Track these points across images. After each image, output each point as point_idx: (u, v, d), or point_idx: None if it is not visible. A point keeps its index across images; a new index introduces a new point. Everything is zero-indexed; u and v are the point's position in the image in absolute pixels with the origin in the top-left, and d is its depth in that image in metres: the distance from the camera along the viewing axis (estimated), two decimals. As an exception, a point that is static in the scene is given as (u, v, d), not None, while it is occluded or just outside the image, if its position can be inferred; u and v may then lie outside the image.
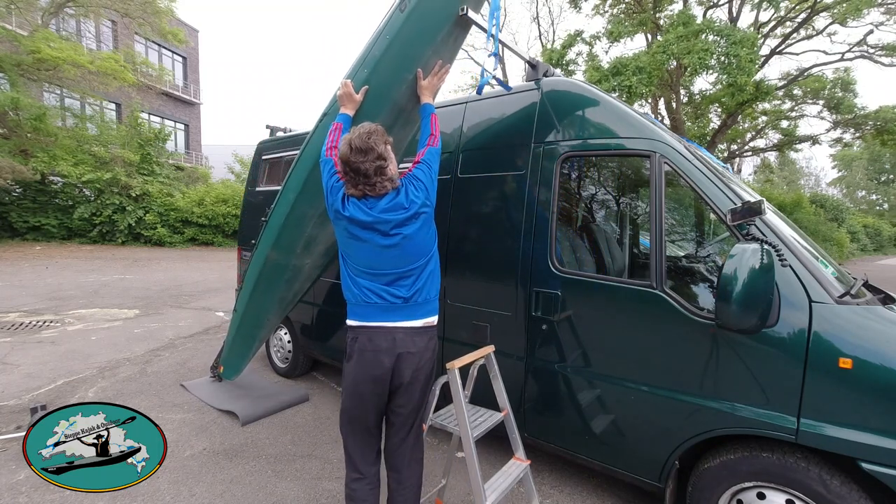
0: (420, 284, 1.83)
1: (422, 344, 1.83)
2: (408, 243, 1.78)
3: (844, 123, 15.98)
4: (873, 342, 1.65)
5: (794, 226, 2.50)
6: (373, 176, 1.71)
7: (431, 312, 1.88)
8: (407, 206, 1.77)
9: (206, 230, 16.92)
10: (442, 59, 2.24)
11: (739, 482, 1.87)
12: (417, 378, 1.84)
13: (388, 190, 1.77)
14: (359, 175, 1.71)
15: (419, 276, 1.83)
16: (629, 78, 10.91)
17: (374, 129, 1.77)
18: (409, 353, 1.79)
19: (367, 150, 1.69)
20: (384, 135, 1.79)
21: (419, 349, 1.82)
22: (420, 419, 1.98)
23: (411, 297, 1.81)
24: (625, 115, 2.32)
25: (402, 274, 1.80)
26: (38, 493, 2.41)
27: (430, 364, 1.88)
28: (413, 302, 1.82)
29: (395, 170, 1.81)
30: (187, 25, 24.67)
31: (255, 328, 3.20)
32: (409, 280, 1.81)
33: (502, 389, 2.18)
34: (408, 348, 1.79)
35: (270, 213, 2.70)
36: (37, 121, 14.22)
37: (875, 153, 39.06)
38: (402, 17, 2.08)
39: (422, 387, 1.89)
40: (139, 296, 7.90)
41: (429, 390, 1.95)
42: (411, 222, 1.78)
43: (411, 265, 1.81)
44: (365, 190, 1.74)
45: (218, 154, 26.12)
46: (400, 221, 1.76)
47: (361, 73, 2.16)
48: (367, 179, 1.71)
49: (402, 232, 1.76)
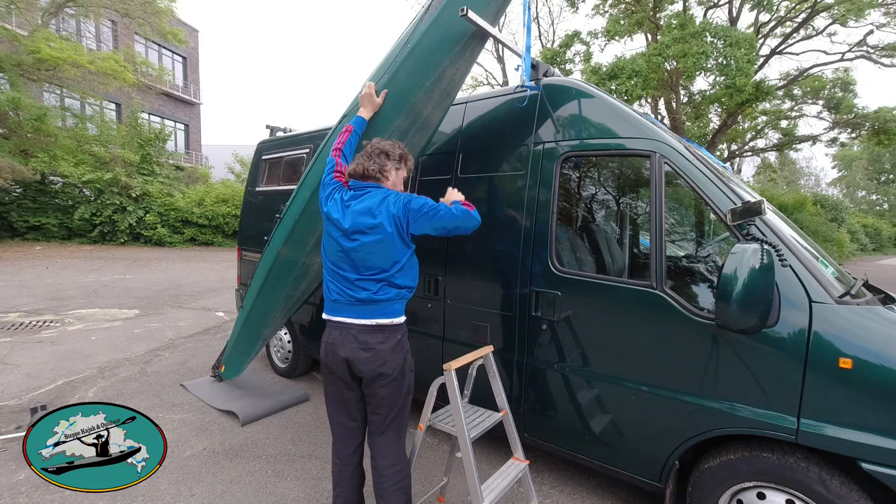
0: (376, 287, 1.85)
1: (375, 342, 1.85)
2: (365, 251, 1.83)
3: (843, 123, 15.98)
4: (873, 342, 1.65)
5: (794, 226, 2.50)
6: (383, 154, 1.93)
7: (388, 314, 1.88)
8: (375, 215, 1.82)
9: (206, 230, 16.92)
10: (458, 69, 2.42)
11: (739, 482, 1.87)
12: (378, 377, 1.86)
13: (376, 179, 1.91)
14: (381, 154, 1.93)
15: (377, 281, 1.85)
16: (625, 82, 10.91)
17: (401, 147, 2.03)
18: (362, 350, 1.84)
19: (392, 146, 1.97)
20: (407, 155, 2.03)
21: (372, 347, 1.84)
22: (397, 421, 1.96)
23: (365, 298, 1.85)
24: (625, 114, 2.32)
25: (361, 277, 1.85)
26: (38, 493, 2.41)
27: (391, 365, 1.87)
28: (368, 302, 1.85)
29: (392, 180, 1.95)
30: (187, 25, 24.68)
31: (259, 326, 3.21)
32: (366, 283, 1.85)
33: (501, 390, 2.18)
34: (359, 345, 1.85)
35: (285, 209, 2.72)
36: (37, 121, 14.22)
37: (875, 153, 39.07)
38: (423, 27, 2.25)
39: (387, 386, 1.89)
40: (139, 296, 7.90)
41: (401, 392, 1.93)
42: (373, 232, 1.82)
43: (368, 271, 1.85)
44: (359, 169, 1.90)
45: (218, 154, 26.12)
46: (363, 228, 1.82)
47: (383, 79, 2.31)
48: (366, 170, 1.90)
49: (360, 239, 1.83)
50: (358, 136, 2.24)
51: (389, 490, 1.90)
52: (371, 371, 1.86)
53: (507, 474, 2.05)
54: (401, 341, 1.92)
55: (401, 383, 1.92)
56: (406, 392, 1.97)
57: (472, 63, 2.55)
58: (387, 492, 1.90)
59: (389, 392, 1.90)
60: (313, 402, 3.72)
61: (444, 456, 2.93)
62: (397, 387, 1.91)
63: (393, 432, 1.97)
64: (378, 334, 1.86)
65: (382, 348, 1.86)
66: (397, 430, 1.98)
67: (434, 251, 2.92)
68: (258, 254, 3.54)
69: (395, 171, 1.96)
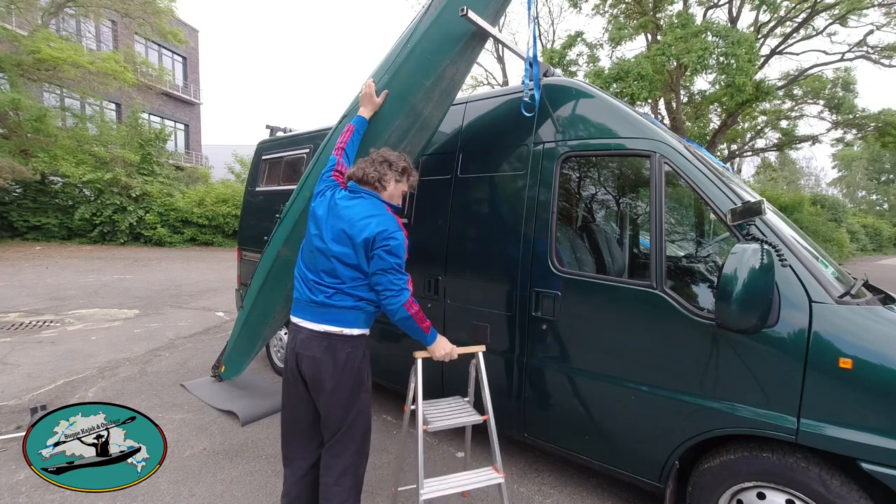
0: (331, 292, 1.78)
1: (319, 351, 1.76)
2: (329, 255, 1.78)
3: (845, 124, 15.98)
4: (873, 342, 1.65)
5: (794, 226, 2.50)
6: (382, 164, 1.89)
7: (341, 323, 1.77)
8: (353, 226, 1.75)
9: (206, 230, 16.91)
10: (459, 69, 2.41)
11: (739, 482, 1.87)
12: (322, 387, 1.77)
13: (374, 187, 1.87)
14: (383, 163, 1.89)
15: (333, 287, 1.78)
16: (630, 84, 10.92)
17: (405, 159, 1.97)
18: (307, 357, 1.78)
19: (397, 158, 1.93)
20: (409, 167, 1.98)
21: (317, 356, 1.76)
22: (342, 443, 1.82)
23: (321, 301, 1.79)
24: (625, 114, 2.32)
25: (319, 281, 1.81)
26: (38, 493, 2.41)
27: (334, 381, 1.76)
28: (322, 305, 1.79)
29: (391, 191, 1.91)
30: (187, 25, 24.67)
31: (260, 326, 3.21)
32: (322, 287, 1.80)
33: (487, 394, 2.10)
34: (305, 350, 1.78)
35: (286, 209, 2.72)
36: (37, 121, 14.22)
37: (875, 153, 39.07)
38: (423, 27, 2.25)
39: (331, 398, 1.78)
40: (139, 296, 7.90)
41: (346, 413, 1.80)
42: (343, 243, 1.76)
43: (328, 277, 1.79)
44: (359, 173, 1.87)
45: (218, 154, 26.11)
46: (336, 234, 1.78)
47: (384, 79, 2.32)
48: (365, 175, 1.86)
49: (329, 245, 1.78)
50: (360, 135, 2.24)
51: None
52: (314, 382, 1.78)
53: (474, 479, 1.94)
54: (351, 356, 1.78)
55: (346, 402, 1.79)
56: (356, 414, 1.82)
57: (472, 63, 2.56)
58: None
59: (331, 408, 1.80)
60: (313, 402, 3.71)
61: (444, 456, 2.93)
62: (340, 405, 1.79)
63: (338, 450, 1.83)
64: (323, 342, 1.76)
65: (324, 358, 1.75)
66: (342, 451, 1.83)
67: (434, 251, 2.92)
68: (258, 254, 3.54)
69: (395, 182, 1.90)
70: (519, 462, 2.88)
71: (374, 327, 1.98)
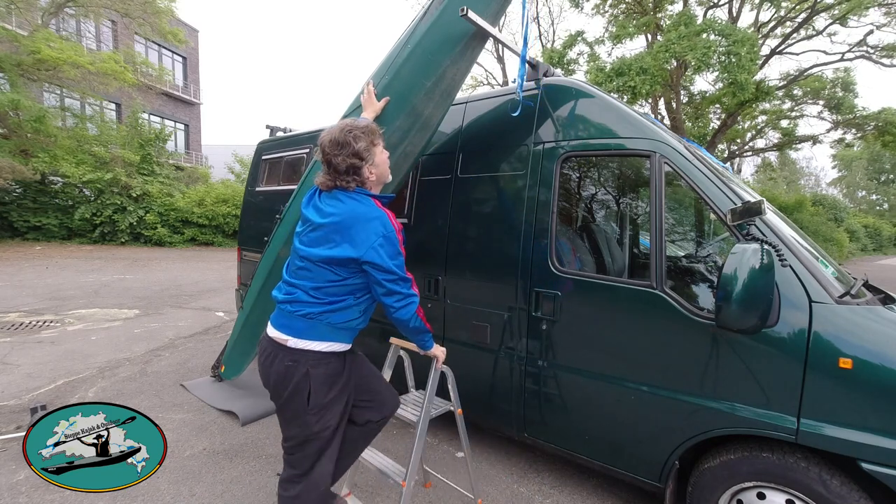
0: (307, 288, 1.61)
1: (275, 362, 1.61)
2: (316, 264, 1.61)
3: (846, 124, 15.98)
4: (873, 342, 1.65)
5: (794, 226, 2.50)
6: (342, 173, 1.62)
7: (298, 332, 1.60)
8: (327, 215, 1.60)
9: (206, 230, 16.92)
10: (459, 69, 2.41)
11: (739, 482, 1.87)
12: (275, 399, 1.66)
13: (350, 188, 1.64)
14: (330, 167, 1.64)
15: (312, 284, 1.62)
16: (633, 78, 10.92)
17: (360, 125, 1.67)
18: (263, 367, 1.66)
19: (343, 144, 1.61)
20: (373, 134, 1.67)
21: (274, 365, 1.62)
22: (297, 458, 1.67)
23: (286, 301, 1.64)
24: (625, 114, 2.32)
25: (300, 268, 1.65)
26: (38, 493, 2.41)
27: (284, 395, 1.60)
28: (284, 310, 1.64)
29: (376, 172, 1.69)
30: (187, 25, 24.68)
31: (260, 326, 3.21)
32: (298, 279, 1.65)
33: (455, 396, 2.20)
34: (263, 361, 1.66)
35: (286, 209, 2.73)
36: (37, 122, 14.22)
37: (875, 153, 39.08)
38: (424, 28, 2.25)
39: (282, 413, 1.66)
40: (139, 296, 7.90)
41: (295, 429, 1.65)
42: (320, 229, 1.62)
43: (310, 265, 1.63)
44: (327, 182, 1.65)
45: (218, 154, 26.13)
46: (316, 238, 1.62)
47: (384, 80, 2.31)
48: (337, 175, 1.63)
49: (315, 252, 1.60)
50: None
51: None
52: (272, 391, 1.67)
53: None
54: (299, 370, 1.59)
55: (295, 418, 1.64)
56: (307, 438, 1.64)
57: (472, 63, 2.56)
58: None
59: (285, 421, 1.68)
60: (313, 402, 3.71)
61: (443, 456, 2.93)
62: (291, 420, 1.66)
63: (294, 463, 1.69)
64: (281, 352, 1.62)
65: (283, 372, 1.61)
66: (296, 465, 1.69)
67: (434, 251, 2.92)
68: (258, 254, 3.54)
69: (368, 165, 1.66)
70: (519, 462, 2.88)
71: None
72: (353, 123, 1.67)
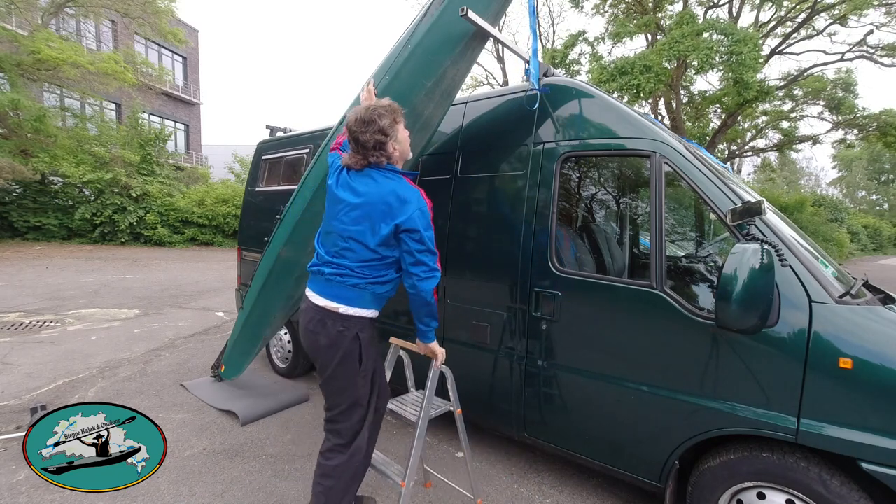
0: (352, 266, 1.76)
1: (325, 329, 1.76)
2: (359, 242, 1.75)
3: (847, 124, 15.97)
4: (873, 342, 1.65)
5: (794, 226, 2.50)
6: (371, 149, 1.75)
7: (349, 301, 1.77)
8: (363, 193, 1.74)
9: (206, 230, 16.92)
10: (459, 69, 2.42)
11: (739, 482, 1.87)
12: (324, 367, 1.80)
13: (381, 164, 1.79)
14: (358, 145, 1.76)
15: (358, 261, 1.77)
16: (637, 77, 10.91)
17: (384, 104, 1.80)
18: (313, 333, 1.79)
19: (368, 121, 1.73)
20: (395, 112, 1.80)
21: (322, 333, 1.77)
22: (337, 426, 1.84)
23: (334, 273, 1.78)
24: (625, 114, 2.32)
25: (344, 248, 1.78)
26: (38, 493, 2.41)
27: (336, 359, 1.76)
28: (333, 281, 1.78)
29: (399, 148, 1.83)
30: (187, 25, 24.68)
31: (260, 326, 3.21)
32: (343, 258, 1.78)
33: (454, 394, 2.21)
34: (313, 329, 1.79)
35: (286, 210, 2.72)
36: (37, 121, 14.22)
37: (875, 153, 39.08)
38: (424, 28, 2.24)
39: (332, 380, 1.80)
40: (139, 296, 7.90)
41: (345, 394, 1.81)
42: (360, 208, 1.75)
43: (355, 245, 1.77)
44: (360, 161, 1.78)
45: (218, 154, 26.12)
46: (354, 205, 1.76)
47: (384, 80, 2.32)
48: (366, 151, 1.76)
49: (357, 230, 1.75)
50: None
51: (314, 481, 1.87)
52: (318, 360, 1.81)
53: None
54: (349, 334, 1.77)
55: (344, 385, 1.81)
56: (354, 402, 1.82)
57: (472, 63, 2.56)
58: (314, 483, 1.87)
59: (332, 388, 1.83)
60: (313, 402, 3.71)
61: (443, 456, 2.93)
62: (340, 389, 1.82)
63: (332, 440, 1.86)
64: (328, 319, 1.77)
65: (331, 339, 1.77)
66: (342, 434, 1.85)
67: (434, 251, 2.92)
68: (258, 254, 3.54)
69: (392, 141, 1.79)
70: (519, 462, 2.88)
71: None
72: (376, 103, 1.80)
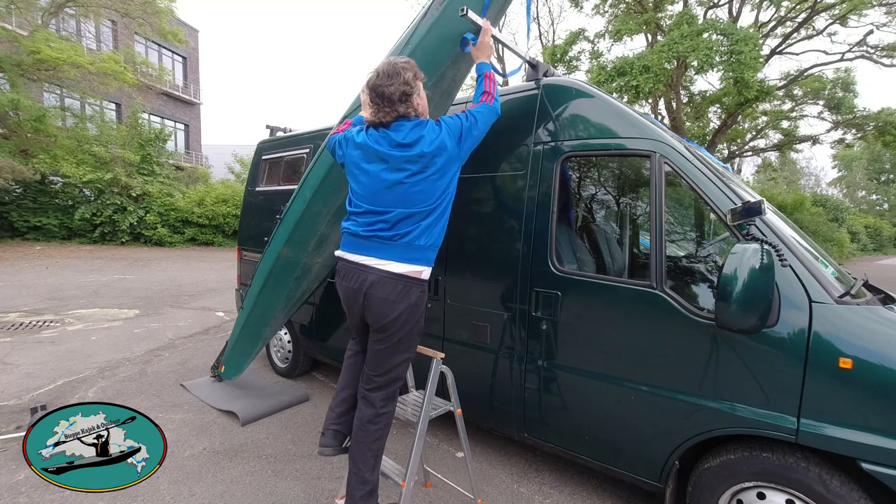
0: (410, 228, 1.75)
1: (393, 293, 1.74)
2: (410, 185, 1.73)
3: (846, 124, 15.97)
4: (873, 342, 1.65)
5: (794, 226, 2.50)
6: (397, 102, 1.73)
7: (414, 260, 1.77)
8: (412, 144, 1.72)
9: (206, 230, 16.93)
10: (459, 70, 2.38)
11: (739, 482, 1.87)
12: (386, 329, 1.78)
13: (410, 117, 1.77)
14: (383, 99, 1.73)
15: (416, 221, 1.76)
16: (636, 77, 10.91)
17: (401, 60, 1.80)
18: (378, 298, 1.75)
19: (392, 74, 1.72)
20: (415, 68, 1.80)
21: (388, 297, 1.74)
22: (385, 381, 1.87)
23: (393, 236, 1.75)
24: (625, 114, 2.32)
25: (401, 216, 1.75)
26: (38, 493, 2.41)
27: (401, 320, 1.77)
28: (394, 242, 1.75)
29: (422, 104, 1.83)
30: (187, 25, 24.68)
31: (260, 326, 3.21)
32: (403, 222, 1.75)
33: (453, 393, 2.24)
34: (376, 293, 1.74)
35: (286, 210, 2.73)
36: (37, 121, 14.22)
37: (875, 153, 39.09)
38: (424, 28, 2.21)
39: (391, 339, 1.80)
40: (139, 296, 7.90)
41: (405, 353, 1.86)
42: (418, 162, 1.72)
43: (411, 208, 1.75)
44: (389, 113, 1.74)
45: (218, 154, 26.13)
46: (409, 158, 1.72)
47: None
48: (392, 105, 1.73)
49: (410, 168, 1.72)
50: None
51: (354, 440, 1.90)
52: (380, 324, 1.78)
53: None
54: (414, 295, 1.79)
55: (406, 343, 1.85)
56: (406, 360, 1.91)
57: (472, 64, 2.55)
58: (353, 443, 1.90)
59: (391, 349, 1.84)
60: (313, 402, 3.72)
61: (443, 456, 2.93)
62: (401, 346, 1.84)
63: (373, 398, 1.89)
64: (398, 284, 1.76)
65: (399, 301, 1.76)
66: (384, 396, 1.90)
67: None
68: (258, 254, 3.54)
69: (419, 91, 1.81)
70: (519, 462, 2.88)
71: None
72: (395, 59, 1.81)
